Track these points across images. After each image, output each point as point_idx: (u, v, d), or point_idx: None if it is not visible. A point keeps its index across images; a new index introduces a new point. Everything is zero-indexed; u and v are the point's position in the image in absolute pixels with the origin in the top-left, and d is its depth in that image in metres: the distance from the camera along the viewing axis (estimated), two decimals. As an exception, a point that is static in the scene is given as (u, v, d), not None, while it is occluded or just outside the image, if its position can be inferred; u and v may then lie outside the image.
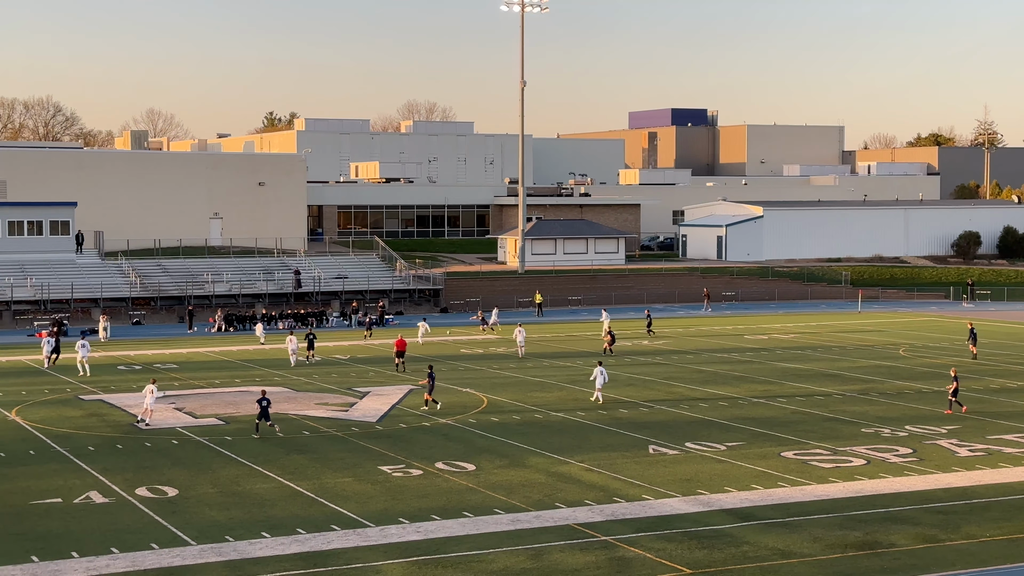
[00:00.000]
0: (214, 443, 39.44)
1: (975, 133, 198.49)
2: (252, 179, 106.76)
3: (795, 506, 31.18)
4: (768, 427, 42.10)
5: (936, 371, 56.59)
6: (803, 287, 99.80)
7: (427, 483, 33.78)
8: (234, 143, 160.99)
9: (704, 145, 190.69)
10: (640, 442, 39.49)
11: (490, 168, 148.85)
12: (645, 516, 30.23)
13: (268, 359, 61.19)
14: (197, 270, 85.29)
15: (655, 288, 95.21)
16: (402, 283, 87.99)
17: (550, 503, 31.45)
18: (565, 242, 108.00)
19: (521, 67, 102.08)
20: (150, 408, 42.70)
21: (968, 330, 62.42)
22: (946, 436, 40.41)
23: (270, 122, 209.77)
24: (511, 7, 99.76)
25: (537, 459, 36.85)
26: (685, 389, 51.06)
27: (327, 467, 35.82)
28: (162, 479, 34.20)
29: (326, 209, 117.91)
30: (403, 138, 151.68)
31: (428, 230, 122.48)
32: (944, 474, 34.81)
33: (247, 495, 32.46)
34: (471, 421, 43.46)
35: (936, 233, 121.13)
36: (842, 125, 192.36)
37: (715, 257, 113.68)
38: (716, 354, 63.05)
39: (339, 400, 48.40)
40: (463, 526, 29.26)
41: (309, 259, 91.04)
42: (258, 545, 27.69)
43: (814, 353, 63.74)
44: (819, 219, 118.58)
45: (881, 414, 44.84)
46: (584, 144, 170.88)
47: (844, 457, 37.08)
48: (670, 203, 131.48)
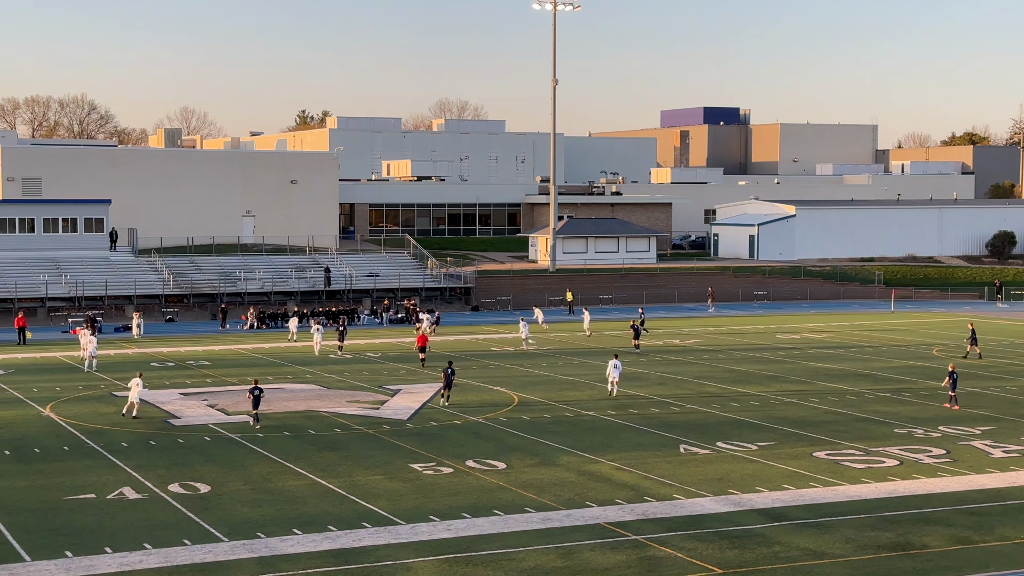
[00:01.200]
0: (246, 440, 39.62)
1: (1010, 132, 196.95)
2: (284, 177, 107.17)
3: (827, 506, 31.03)
4: (800, 427, 41.92)
5: (970, 372, 56.18)
6: (835, 287, 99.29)
7: (458, 481, 33.82)
8: (267, 141, 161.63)
9: (736, 144, 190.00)
10: (671, 441, 39.40)
11: (521, 167, 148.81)
12: (676, 515, 30.17)
13: (300, 357, 61.42)
14: (230, 267, 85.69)
15: (686, 287, 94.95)
16: (433, 281, 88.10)
17: (581, 502, 31.43)
18: (596, 241, 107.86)
19: (553, 65, 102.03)
20: (134, 402, 43.14)
21: (970, 330, 62.06)
22: (980, 437, 40.13)
23: (302, 120, 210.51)
24: (543, 5, 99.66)
25: (568, 458, 36.84)
26: (716, 388, 50.91)
27: (358, 464, 35.93)
28: (194, 475, 34.40)
29: (358, 207, 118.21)
30: (435, 136, 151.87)
31: (459, 228, 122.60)
32: (978, 475, 34.57)
33: (279, 492, 32.60)
34: (502, 419, 43.49)
35: (970, 233, 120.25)
36: (876, 124, 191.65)
37: (747, 256, 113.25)
38: (748, 353, 62.82)
39: (370, 398, 48.52)
40: (494, 524, 29.28)
41: (340, 257, 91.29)
42: (289, 542, 27.81)
43: (846, 353, 63.42)
44: (852, 218, 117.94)
45: (914, 415, 44.58)
46: (616, 143, 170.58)
47: (877, 458, 36.89)
48: (702, 202, 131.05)
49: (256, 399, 42.10)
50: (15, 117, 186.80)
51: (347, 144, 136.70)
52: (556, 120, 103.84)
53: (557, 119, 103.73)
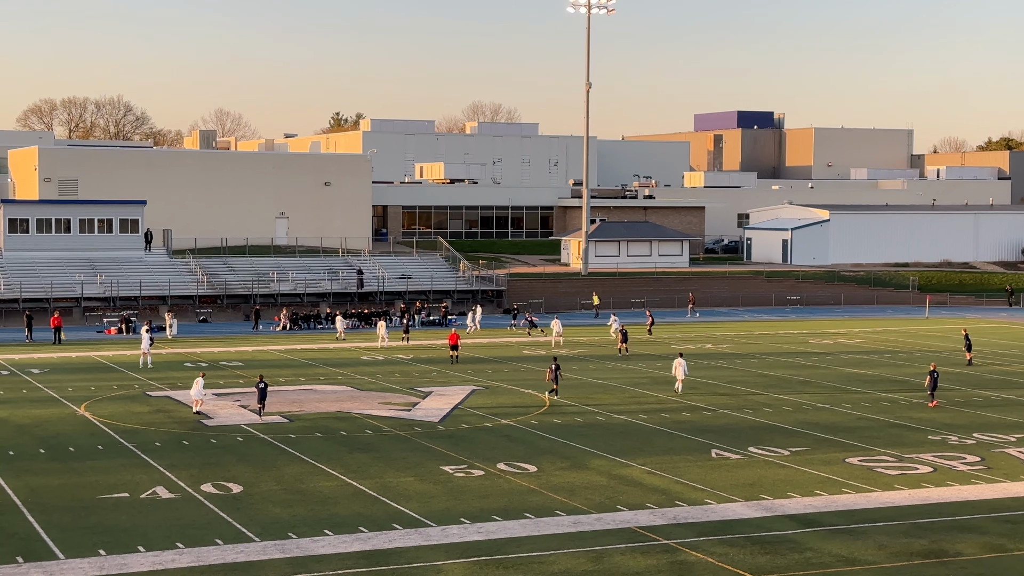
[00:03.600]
0: (278, 440, 39.79)
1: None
2: (318, 179, 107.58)
3: (860, 513, 30.85)
4: (833, 433, 41.71)
5: (1006, 378, 55.76)
6: (869, 292, 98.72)
7: (489, 484, 33.83)
8: (300, 143, 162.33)
9: (770, 148, 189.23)
10: (703, 446, 39.28)
11: (554, 169, 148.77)
12: (707, 520, 30.07)
13: (332, 358, 61.60)
14: (263, 269, 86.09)
15: (719, 291, 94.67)
16: (465, 284, 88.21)
17: (612, 506, 31.38)
18: (629, 244, 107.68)
19: (587, 69, 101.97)
20: (198, 399, 44.13)
21: (964, 337, 61.61)
22: (1015, 444, 39.80)
23: (336, 122, 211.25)
24: (578, 8, 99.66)
25: (599, 461, 36.79)
26: (749, 393, 50.71)
27: (390, 466, 36.00)
28: (227, 475, 34.56)
29: (391, 209, 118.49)
30: (467, 139, 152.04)
31: (492, 231, 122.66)
32: (1013, 483, 34.28)
33: (310, 493, 32.71)
34: (533, 422, 43.48)
35: (1007, 238, 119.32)
36: (911, 129, 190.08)
37: (780, 261, 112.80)
38: (780, 358, 62.56)
39: (402, 400, 48.62)
40: (524, 527, 29.28)
41: (373, 259, 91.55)
42: (321, 543, 27.90)
43: (880, 358, 63.04)
44: (886, 223, 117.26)
45: (948, 421, 44.27)
46: (649, 146, 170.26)
47: (910, 464, 36.65)
48: (735, 206, 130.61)
49: (261, 393, 43.62)
50: (52, 118, 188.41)
51: (380, 146, 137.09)
52: (589, 123, 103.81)
53: (590, 122, 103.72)
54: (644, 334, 72.48)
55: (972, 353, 60.91)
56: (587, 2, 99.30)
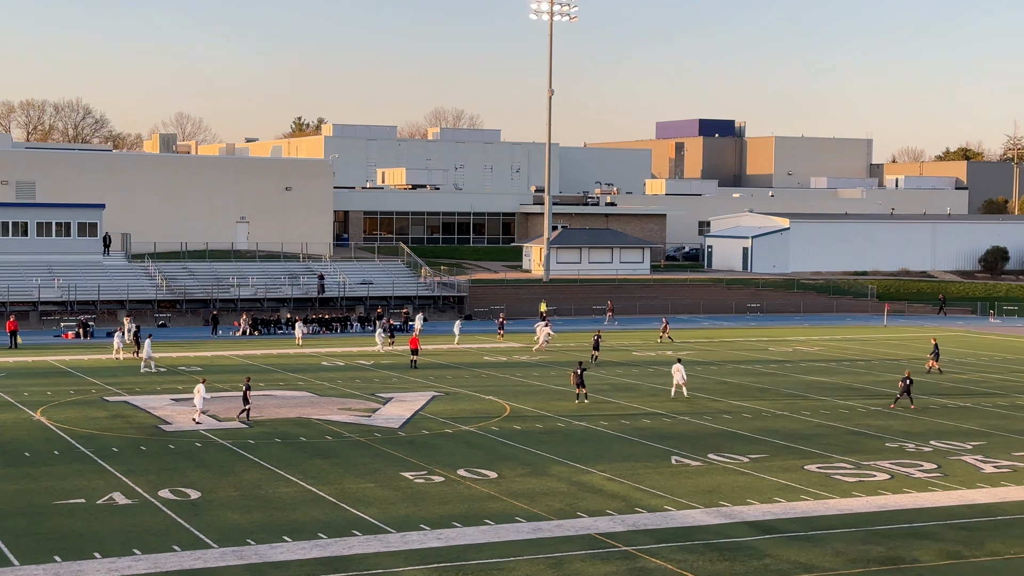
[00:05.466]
0: (237, 446, 39.55)
1: (1004, 148, 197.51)
2: (279, 184, 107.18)
3: (818, 520, 31.03)
4: (792, 440, 41.94)
5: (963, 386, 56.29)
6: (829, 300, 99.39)
7: (449, 490, 33.78)
8: (262, 148, 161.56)
9: (731, 156, 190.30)
10: (663, 453, 39.39)
11: (516, 176, 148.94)
12: (667, 527, 30.15)
13: (292, 364, 61.36)
14: (223, 273, 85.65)
15: (679, 299, 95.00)
16: (427, 290, 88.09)
17: (571, 512, 31.40)
18: (590, 251, 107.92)
19: (549, 76, 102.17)
20: (198, 407, 43.70)
21: (933, 346, 62.10)
22: (971, 452, 40.17)
23: (298, 127, 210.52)
24: (540, 15, 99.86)
25: (559, 468, 36.81)
26: (708, 400, 50.90)
27: (349, 472, 35.87)
28: (185, 481, 34.33)
29: (352, 215, 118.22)
30: (430, 145, 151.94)
31: (453, 237, 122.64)
32: (969, 490, 34.58)
33: (269, 499, 32.54)
34: (493, 429, 43.46)
35: (964, 248, 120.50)
36: (870, 138, 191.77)
37: (740, 268, 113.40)
38: (740, 366, 62.85)
39: (362, 405, 48.47)
40: (484, 534, 29.25)
41: (334, 264, 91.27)
42: (279, 549, 27.75)
43: (839, 366, 63.47)
44: (846, 232, 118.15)
45: (906, 429, 44.61)
46: (611, 153, 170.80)
47: (868, 471, 36.90)
48: (696, 214, 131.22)
49: (244, 394, 43.88)
50: (10, 121, 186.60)
51: (342, 151, 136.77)
52: (551, 130, 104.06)
53: (552, 129, 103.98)
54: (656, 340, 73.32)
55: (939, 363, 61.20)
56: (550, 9, 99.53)
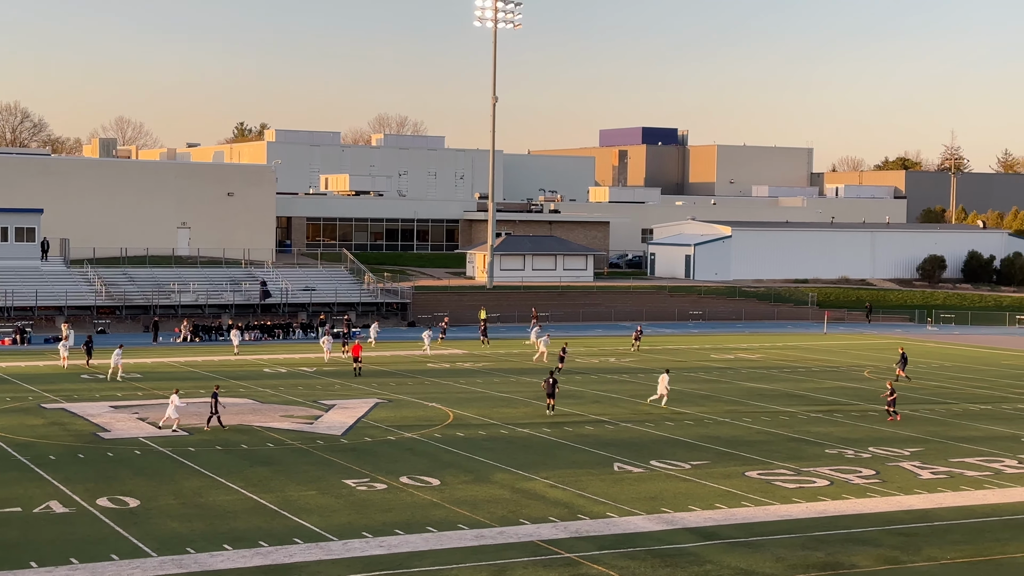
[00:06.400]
0: (177, 454, 39.17)
1: (942, 158, 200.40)
2: (221, 189, 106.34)
3: (758, 526, 31.25)
4: (733, 446, 42.21)
5: (902, 393, 56.83)
6: (770, 307, 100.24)
7: (391, 497, 33.67)
8: (203, 153, 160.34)
9: (674, 164, 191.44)
10: (605, 459, 39.49)
11: (460, 183, 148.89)
12: (609, 534, 30.23)
13: (233, 370, 60.89)
14: (163, 279, 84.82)
15: (623, 306, 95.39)
16: (370, 296, 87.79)
17: (514, 519, 31.40)
18: (534, 258, 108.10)
19: (493, 83, 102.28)
20: (173, 417, 43.07)
21: (900, 354, 62.77)
22: (909, 458, 40.64)
23: (240, 132, 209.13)
24: (484, 23, 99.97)
25: (502, 475, 36.80)
26: (650, 407, 51.11)
27: (291, 480, 35.64)
28: (123, 489, 33.93)
29: (295, 221, 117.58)
30: (373, 151, 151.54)
31: (397, 244, 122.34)
32: (906, 496, 34.99)
33: (209, 507, 32.25)
34: (437, 436, 43.37)
35: (902, 256, 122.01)
36: (811, 147, 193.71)
37: (683, 276, 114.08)
38: (682, 373, 63.16)
39: (304, 412, 48.19)
40: (426, 541, 29.17)
41: (277, 271, 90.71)
42: (219, 557, 27.50)
43: (779, 373, 64.00)
44: (787, 240, 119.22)
45: (845, 435, 45.05)
46: (554, 160, 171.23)
47: (808, 478, 37.22)
48: (639, 221, 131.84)
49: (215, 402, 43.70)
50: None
51: (285, 157, 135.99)
52: (495, 137, 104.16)
53: (496, 136, 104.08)
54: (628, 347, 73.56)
55: (905, 370, 61.67)
56: (493, 16, 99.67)
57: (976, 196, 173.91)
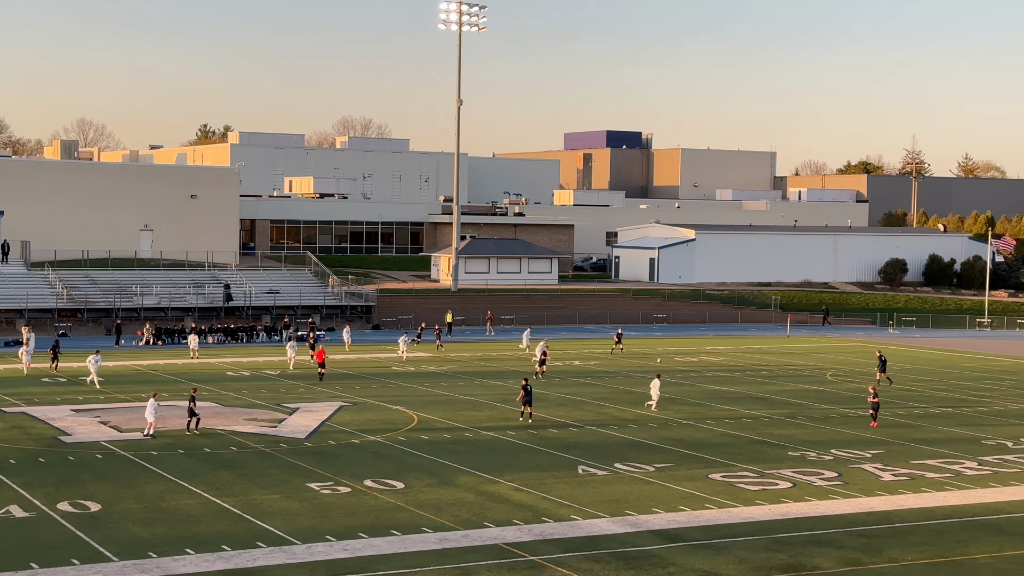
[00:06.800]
0: (139, 458, 38.92)
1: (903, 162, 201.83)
2: (184, 192, 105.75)
3: (722, 528, 31.38)
4: (697, 449, 42.37)
5: (862, 396, 57.30)
6: (733, 310, 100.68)
7: (355, 501, 33.59)
8: (166, 155, 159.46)
9: (638, 167, 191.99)
10: (569, 462, 39.55)
11: (425, 186, 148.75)
12: (573, 536, 30.27)
13: (197, 373, 60.57)
14: (126, 282, 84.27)
15: (587, 309, 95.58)
16: (334, 299, 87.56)
17: (479, 522, 31.40)
18: (499, 261, 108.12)
19: (458, 86, 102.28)
20: (150, 420, 42.40)
21: (878, 358, 62.96)
22: (870, 460, 40.93)
23: (203, 135, 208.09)
24: (449, 26, 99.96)
25: (466, 478, 36.79)
26: (615, 410, 51.24)
27: (254, 483, 35.49)
28: (85, 494, 33.67)
29: (259, 223, 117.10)
30: (338, 154, 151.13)
31: (361, 246, 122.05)
32: (868, 498, 35.23)
33: (172, 511, 32.06)
34: (401, 439, 43.30)
35: (864, 260, 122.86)
36: (774, 151, 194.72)
37: (647, 279, 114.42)
38: (646, 376, 63.30)
39: (268, 416, 48.00)
40: (391, 544, 29.13)
41: (240, 273, 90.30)
42: (182, 562, 27.35)
43: (743, 376, 64.29)
44: (750, 243, 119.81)
45: (807, 437, 45.32)
46: (519, 164, 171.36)
47: (771, 480, 37.42)
48: (604, 224, 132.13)
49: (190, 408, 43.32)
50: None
51: (249, 160, 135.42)
52: (460, 140, 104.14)
53: (461, 139, 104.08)
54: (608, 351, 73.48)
55: (886, 373, 61.71)
56: (458, 19, 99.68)
57: (937, 200, 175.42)
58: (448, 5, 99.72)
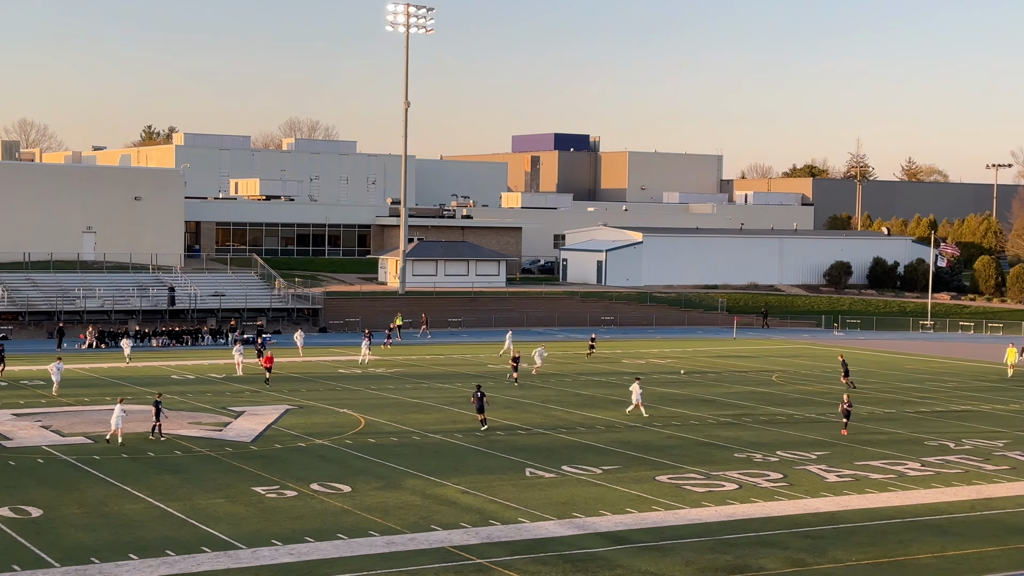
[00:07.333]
0: (82, 462, 38.45)
1: (848, 166, 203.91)
2: (128, 193, 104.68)
3: (668, 530, 31.49)
4: (644, 451, 42.50)
5: (808, 398, 57.79)
6: (680, 313, 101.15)
7: (301, 504, 33.37)
8: (110, 156, 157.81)
9: (586, 170, 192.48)
10: (517, 465, 39.53)
11: (372, 188, 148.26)
12: (520, 539, 30.26)
13: (141, 376, 59.98)
14: (68, 285, 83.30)
15: (535, 311, 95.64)
16: (281, 302, 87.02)
17: (425, 525, 31.30)
18: (446, 264, 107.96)
19: (405, 88, 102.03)
20: (116, 427, 41.46)
21: (840, 362, 63.33)
22: (815, 461, 41.23)
23: (148, 136, 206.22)
24: (396, 27, 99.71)
25: (414, 481, 36.67)
26: (563, 412, 51.30)
27: (199, 488, 35.17)
28: (26, 499, 33.21)
29: (204, 225, 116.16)
30: (284, 155, 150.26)
31: (308, 249, 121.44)
32: (813, 499, 35.49)
33: (115, 516, 31.69)
34: (348, 442, 43.10)
35: (809, 262, 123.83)
36: (721, 154, 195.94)
37: (595, 281, 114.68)
38: (593, 378, 63.49)
39: (213, 419, 47.59)
40: (337, 548, 28.96)
41: (185, 276, 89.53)
42: (125, 567, 27.04)
43: (689, 378, 64.59)
44: (697, 246, 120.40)
45: (753, 439, 45.60)
46: (467, 166, 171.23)
47: (717, 481, 37.60)
48: (551, 227, 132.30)
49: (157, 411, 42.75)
50: None
51: (194, 161, 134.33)
52: (408, 142, 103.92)
53: (409, 141, 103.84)
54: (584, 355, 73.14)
55: (849, 377, 61.72)
56: (406, 21, 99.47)
57: (881, 203, 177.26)
58: (396, 7, 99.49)
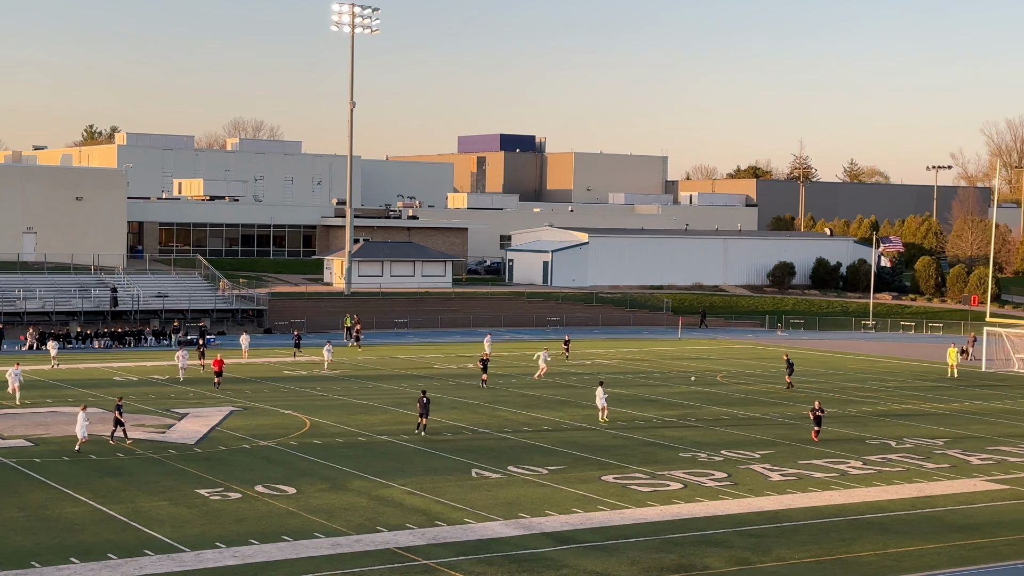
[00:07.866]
0: (22, 465, 37.96)
1: (791, 167, 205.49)
2: (69, 193, 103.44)
3: (614, 529, 31.60)
4: (589, 451, 42.63)
5: (752, 398, 58.22)
6: (626, 313, 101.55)
7: (246, 507, 33.16)
8: (51, 156, 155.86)
9: (532, 171, 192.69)
10: (463, 466, 39.52)
11: (318, 188, 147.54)
12: (466, 540, 30.25)
13: (83, 378, 59.32)
14: (8, 286, 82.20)
15: (481, 312, 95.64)
16: (225, 302, 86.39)
17: (371, 527, 31.21)
18: (392, 264, 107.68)
19: (350, 88, 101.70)
20: (81, 436, 40.51)
21: (785, 361, 63.84)
22: (759, 461, 41.56)
23: (89, 135, 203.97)
24: (341, 27, 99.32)
25: (359, 482, 36.55)
26: (509, 413, 51.34)
27: (142, 490, 34.84)
28: (-35, 503, 32.75)
29: (147, 226, 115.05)
30: (229, 156, 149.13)
31: (253, 249, 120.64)
32: (757, 498, 35.76)
33: (56, 519, 31.32)
34: (293, 443, 42.87)
35: (753, 263, 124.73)
36: (665, 155, 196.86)
37: (541, 282, 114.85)
38: (540, 378, 63.53)
39: (156, 421, 47.17)
40: (282, 550, 28.80)
41: (128, 276, 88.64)
42: (66, 571, 26.74)
43: (635, 379, 64.86)
44: (642, 247, 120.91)
45: (698, 439, 45.87)
46: (413, 167, 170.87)
47: (662, 481, 37.79)
48: (498, 228, 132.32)
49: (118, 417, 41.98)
50: None
51: (137, 161, 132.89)
52: (353, 142, 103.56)
53: (355, 142, 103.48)
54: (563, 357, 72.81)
55: (792, 377, 62.16)
56: (351, 21, 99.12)
57: (824, 204, 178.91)
58: (341, 7, 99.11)
